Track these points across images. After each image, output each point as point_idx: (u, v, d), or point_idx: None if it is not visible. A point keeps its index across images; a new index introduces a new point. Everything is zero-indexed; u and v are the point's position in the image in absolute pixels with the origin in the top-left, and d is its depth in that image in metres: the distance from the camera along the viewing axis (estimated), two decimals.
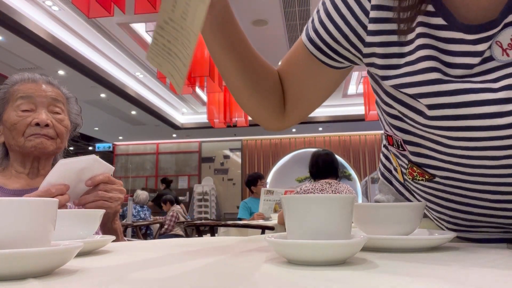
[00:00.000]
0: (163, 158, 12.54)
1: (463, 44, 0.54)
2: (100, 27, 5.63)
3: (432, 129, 0.57)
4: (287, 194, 3.67)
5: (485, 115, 0.52)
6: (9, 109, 1.11)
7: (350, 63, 0.69)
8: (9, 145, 1.13)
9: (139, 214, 6.00)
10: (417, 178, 0.66)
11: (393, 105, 0.62)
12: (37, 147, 1.09)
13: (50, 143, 1.11)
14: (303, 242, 0.46)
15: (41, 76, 1.17)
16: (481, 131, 0.53)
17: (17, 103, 1.10)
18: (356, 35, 0.63)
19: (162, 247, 0.72)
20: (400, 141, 0.65)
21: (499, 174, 0.56)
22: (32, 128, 1.09)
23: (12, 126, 1.08)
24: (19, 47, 5.44)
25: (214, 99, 7.10)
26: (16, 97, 1.10)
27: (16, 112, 1.09)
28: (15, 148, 1.11)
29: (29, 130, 1.09)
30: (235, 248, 0.67)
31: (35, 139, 1.09)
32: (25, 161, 1.14)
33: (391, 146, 0.70)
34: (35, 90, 1.12)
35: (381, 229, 0.62)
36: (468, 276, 0.41)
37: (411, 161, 0.66)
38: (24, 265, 0.38)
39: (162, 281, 0.40)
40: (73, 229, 0.65)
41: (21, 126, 1.08)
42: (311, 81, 0.74)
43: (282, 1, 4.92)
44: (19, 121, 1.08)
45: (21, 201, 0.43)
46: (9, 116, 1.10)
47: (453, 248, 0.61)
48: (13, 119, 1.08)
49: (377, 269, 0.44)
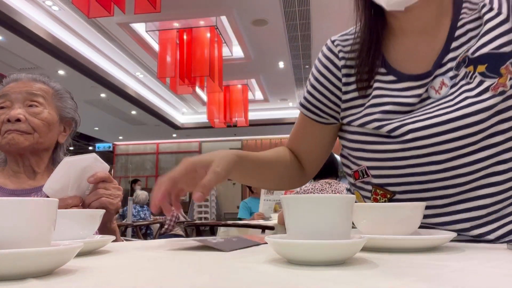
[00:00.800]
0: (163, 158, 12.55)
1: (408, 91, 0.77)
2: (100, 27, 5.64)
3: (389, 153, 0.76)
4: (287, 194, 3.67)
5: (428, 136, 0.71)
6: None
7: (335, 120, 0.89)
8: None
9: (139, 214, 6.01)
10: (381, 200, 0.80)
11: (358, 141, 0.81)
12: (10, 143, 1.07)
13: (24, 138, 1.07)
14: (303, 242, 0.46)
15: (27, 75, 1.16)
16: (427, 148, 0.72)
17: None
18: (336, 96, 0.86)
19: (162, 247, 0.72)
20: (364, 168, 0.81)
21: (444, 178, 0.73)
22: (6, 125, 1.07)
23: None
24: (19, 47, 5.44)
25: (214, 99, 7.11)
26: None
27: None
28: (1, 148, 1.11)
29: (3, 127, 1.07)
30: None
31: (7, 135, 1.07)
32: (16, 160, 1.13)
33: (356, 180, 0.85)
34: (12, 87, 1.11)
35: (381, 229, 0.62)
36: (468, 276, 0.41)
37: (374, 185, 0.81)
38: (24, 265, 0.38)
39: (162, 281, 0.40)
40: (73, 229, 0.65)
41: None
42: (313, 139, 0.93)
43: (282, 1, 4.92)
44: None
45: (21, 201, 0.43)
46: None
47: (453, 248, 0.61)
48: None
49: (377, 269, 0.44)
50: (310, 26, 5.47)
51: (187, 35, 5.39)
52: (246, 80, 7.78)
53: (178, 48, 5.37)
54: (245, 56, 6.51)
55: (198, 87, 6.01)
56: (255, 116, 9.72)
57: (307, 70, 7.28)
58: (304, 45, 6.16)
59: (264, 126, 10.55)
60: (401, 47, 0.81)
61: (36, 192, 1.14)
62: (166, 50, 5.33)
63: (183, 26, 5.46)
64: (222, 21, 5.49)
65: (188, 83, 5.36)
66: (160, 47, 5.35)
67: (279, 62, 6.99)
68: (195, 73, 5.15)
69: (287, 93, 8.91)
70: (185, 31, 5.40)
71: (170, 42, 5.38)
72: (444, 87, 0.74)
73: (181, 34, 5.41)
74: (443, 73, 0.75)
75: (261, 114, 10.07)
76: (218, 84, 5.53)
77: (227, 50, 6.27)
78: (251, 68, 7.19)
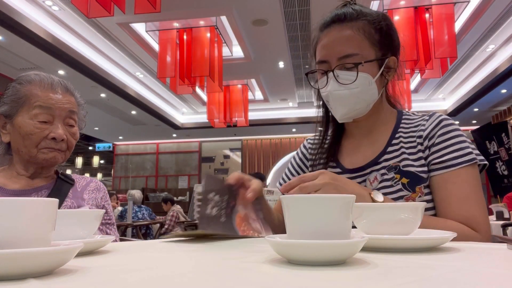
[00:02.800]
0: (163, 158, 12.55)
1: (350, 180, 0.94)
2: (100, 27, 5.64)
3: None
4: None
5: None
6: (25, 115, 1.09)
7: None
8: (18, 150, 1.11)
9: (137, 214, 5.98)
10: None
11: None
12: (49, 161, 1.10)
13: (61, 156, 1.12)
14: (303, 242, 0.46)
15: (58, 81, 1.15)
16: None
17: (34, 111, 1.08)
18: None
19: (162, 247, 0.72)
20: None
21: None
22: (48, 142, 1.09)
23: (27, 136, 1.07)
24: (19, 47, 5.44)
25: (214, 99, 7.11)
26: (34, 104, 1.08)
27: (33, 122, 1.08)
28: (25, 156, 1.10)
29: (44, 143, 1.09)
30: (235, 248, 0.67)
31: (48, 153, 1.09)
32: (29, 165, 1.14)
33: None
34: (54, 101, 1.11)
35: (381, 229, 0.62)
36: (468, 276, 0.41)
37: None
38: (24, 265, 0.38)
39: (162, 281, 0.40)
40: (73, 229, 0.65)
41: (37, 138, 1.08)
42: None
43: (282, 1, 4.92)
44: (36, 132, 1.07)
45: (21, 201, 0.43)
46: (25, 123, 1.08)
47: (453, 248, 0.61)
48: (29, 129, 1.07)
49: (377, 269, 0.44)
50: (310, 26, 5.47)
51: (187, 35, 5.39)
52: (246, 80, 7.78)
53: (178, 48, 5.37)
54: (245, 56, 6.50)
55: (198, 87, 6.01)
56: (255, 116, 9.72)
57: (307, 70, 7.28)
58: (304, 45, 6.16)
59: (264, 126, 10.55)
60: (349, 146, 1.07)
61: (37, 192, 1.14)
62: (166, 50, 5.33)
63: (183, 26, 5.45)
64: (222, 21, 5.49)
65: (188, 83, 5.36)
66: (160, 47, 5.35)
67: (279, 62, 6.98)
68: (195, 73, 5.15)
69: (287, 93, 8.91)
70: (185, 31, 5.40)
71: (170, 42, 5.37)
72: (375, 181, 0.97)
73: (181, 34, 5.41)
74: (377, 169, 0.98)
75: (261, 114, 10.07)
76: (218, 84, 5.53)
77: (227, 50, 6.27)
78: (251, 68, 7.18)
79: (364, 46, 0.95)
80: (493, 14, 5.23)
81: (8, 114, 1.11)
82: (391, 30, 1.00)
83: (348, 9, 0.99)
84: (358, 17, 0.97)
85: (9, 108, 1.11)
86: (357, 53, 0.94)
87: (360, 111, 0.98)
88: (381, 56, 0.98)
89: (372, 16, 0.98)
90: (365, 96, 0.96)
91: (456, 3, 4.78)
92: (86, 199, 1.22)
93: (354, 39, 0.95)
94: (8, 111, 1.11)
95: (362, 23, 0.96)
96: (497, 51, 6.53)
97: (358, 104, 0.97)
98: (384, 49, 0.98)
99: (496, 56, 6.68)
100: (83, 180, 1.28)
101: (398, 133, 1.02)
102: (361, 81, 0.94)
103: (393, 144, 1.00)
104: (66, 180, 1.22)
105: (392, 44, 1.00)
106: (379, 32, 0.97)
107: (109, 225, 1.26)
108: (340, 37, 0.96)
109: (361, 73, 0.94)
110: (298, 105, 9.73)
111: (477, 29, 5.58)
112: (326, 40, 0.98)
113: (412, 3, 4.82)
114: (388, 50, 0.99)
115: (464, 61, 6.91)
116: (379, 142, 1.02)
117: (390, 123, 1.04)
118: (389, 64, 1.00)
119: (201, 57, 5.15)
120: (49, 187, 1.17)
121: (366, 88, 0.95)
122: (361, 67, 0.94)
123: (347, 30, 0.96)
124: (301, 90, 8.57)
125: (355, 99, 0.96)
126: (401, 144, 0.99)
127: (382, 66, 0.98)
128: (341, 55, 0.95)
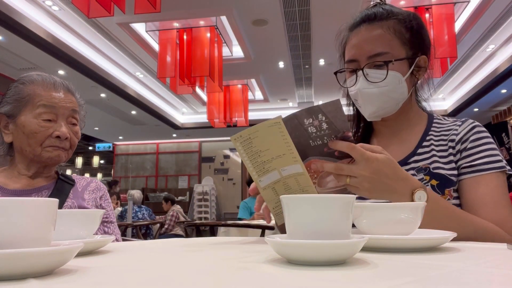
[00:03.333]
0: (163, 158, 12.54)
1: None
2: (100, 27, 5.63)
3: None
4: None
5: None
6: (28, 114, 1.10)
7: None
8: (21, 149, 1.12)
9: (137, 214, 5.98)
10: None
11: None
12: (53, 159, 1.11)
13: (64, 155, 1.14)
14: (303, 242, 0.46)
15: (60, 81, 1.17)
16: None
17: (38, 110, 1.09)
18: None
19: (162, 247, 0.72)
20: None
21: None
22: (52, 140, 1.10)
23: (32, 135, 1.09)
24: (19, 47, 5.44)
25: (214, 99, 7.10)
26: (38, 103, 1.10)
27: (37, 121, 1.09)
28: (29, 154, 1.11)
29: (48, 141, 1.10)
30: (235, 248, 0.67)
31: (53, 151, 1.11)
32: (31, 165, 1.15)
33: None
34: (58, 100, 1.12)
35: (381, 229, 0.62)
36: (468, 276, 0.41)
37: None
38: (24, 265, 0.38)
39: (162, 281, 0.40)
40: (73, 229, 0.65)
41: (41, 136, 1.09)
42: None
43: (282, 1, 4.92)
44: (40, 131, 1.09)
45: (21, 201, 0.43)
46: (29, 122, 1.09)
47: (453, 248, 0.61)
48: (33, 128, 1.08)
49: (377, 269, 0.44)
50: (310, 26, 5.47)
51: (187, 35, 5.39)
52: (246, 80, 7.78)
53: (178, 48, 5.37)
54: (245, 56, 6.50)
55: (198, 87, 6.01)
56: (255, 116, 9.71)
57: (307, 70, 7.28)
58: (304, 45, 6.16)
59: None
60: (378, 145, 0.97)
61: (37, 192, 1.14)
62: (166, 50, 5.32)
63: (183, 26, 5.45)
64: (222, 21, 5.49)
65: (188, 83, 5.35)
66: (160, 47, 5.35)
67: (279, 62, 6.98)
68: (195, 73, 5.14)
69: (287, 93, 8.90)
70: (185, 31, 5.40)
71: (170, 42, 5.37)
72: None
73: (181, 34, 5.40)
74: (406, 170, 0.94)
75: (261, 114, 10.06)
76: (218, 84, 5.52)
77: (227, 50, 6.26)
78: (251, 68, 7.18)
79: (394, 44, 0.95)
80: (493, 14, 5.23)
81: (11, 114, 1.12)
82: (422, 29, 1.00)
83: (379, 8, 0.99)
84: (389, 16, 0.97)
85: (12, 108, 1.11)
86: (387, 52, 0.94)
87: (389, 109, 0.97)
88: (412, 55, 0.97)
89: (403, 15, 0.98)
90: (395, 94, 0.95)
91: (456, 3, 4.78)
92: (86, 199, 1.22)
93: (384, 37, 0.95)
94: (11, 111, 1.11)
95: (393, 22, 0.96)
96: (497, 51, 6.53)
97: (388, 102, 0.96)
98: (415, 48, 0.97)
99: (496, 56, 6.68)
100: (84, 181, 1.29)
101: (429, 135, 1.01)
102: (391, 80, 0.93)
103: (423, 146, 0.99)
104: (67, 180, 1.23)
105: (422, 43, 1.00)
106: (410, 31, 0.97)
107: (107, 223, 1.26)
108: (370, 36, 0.96)
109: (391, 71, 0.93)
110: (298, 105, 9.73)
111: (477, 29, 5.58)
112: (356, 40, 0.98)
113: (412, 3, 4.82)
114: (419, 49, 0.98)
115: (464, 61, 6.91)
116: (409, 143, 1.01)
117: (421, 125, 1.03)
118: (420, 63, 0.99)
119: (201, 57, 5.14)
120: (50, 187, 1.17)
121: (396, 86, 0.94)
122: (391, 65, 0.93)
123: (377, 29, 0.96)
124: (301, 90, 8.56)
125: (384, 97, 0.95)
126: (432, 147, 0.98)
127: (413, 65, 0.97)
128: (371, 53, 0.94)
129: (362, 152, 0.73)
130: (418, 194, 0.74)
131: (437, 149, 0.97)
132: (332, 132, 0.73)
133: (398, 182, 0.75)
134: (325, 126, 0.72)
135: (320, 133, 0.73)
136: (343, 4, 4.84)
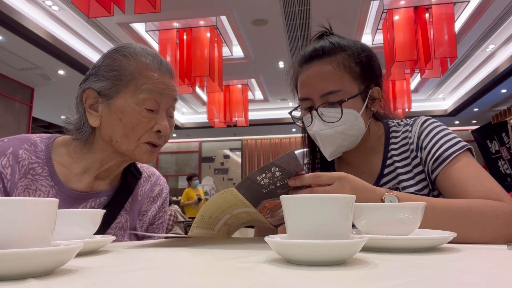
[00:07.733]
0: (163, 158, 12.54)
1: None
2: (100, 27, 5.63)
3: None
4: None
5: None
6: (129, 98, 0.89)
7: None
8: (111, 139, 0.91)
9: None
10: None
11: None
12: (143, 159, 0.93)
13: (155, 155, 0.96)
14: (303, 242, 0.46)
15: (166, 62, 0.96)
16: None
17: (142, 96, 0.89)
18: None
19: (162, 247, 0.72)
20: None
21: None
22: (152, 134, 0.91)
23: (132, 125, 0.89)
24: (19, 47, 5.44)
25: (214, 99, 7.10)
26: (143, 86, 0.89)
27: (140, 109, 0.89)
28: (120, 147, 0.91)
29: (147, 136, 0.91)
30: (235, 248, 0.67)
31: (147, 150, 0.92)
32: (111, 158, 0.95)
33: None
34: (164, 86, 0.92)
35: (381, 229, 0.62)
36: (468, 276, 0.41)
37: None
38: (24, 265, 0.38)
39: (162, 281, 0.40)
40: (73, 229, 0.65)
41: (142, 129, 0.90)
42: None
43: (282, 1, 4.92)
44: (142, 122, 0.89)
45: (21, 201, 0.43)
46: (129, 108, 0.89)
47: (453, 248, 0.61)
48: (135, 118, 0.89)
49: (377, 269, 0.44)
50: (310, 26, 5.47)
51: (187, 35, 5.39)
52: (246, 80, 7.78)
53: (178, 48, 5.37)
54: (245, 56, 6.50)
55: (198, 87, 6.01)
56: (255, 116, 9.72)
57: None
58: (304, 45, 6.15)
59: (264, 126, 10.54)
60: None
61: (95, 198, 0.96)
62: (166, 50, 5.32)
63: (183, 26, 5.45)
64: (222, 21, 5.49)
65: (188, 83, 5.35)
66: (160, 47, 5.35)
67: (279, 62, 6.98)
68: (195, 73, 5.15)
69: (287, 93, 8.88)
70: (185, 31, 5.40)
71: (170, 42, 5.37)
72: None
73: (181, 34, 5.41)
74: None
75: (261, 114, 10.06)
76: (218, 84, 5.52)
77: (227, 50, 6.26)
78: (251, 68, 7.18)
79: (345, 81, 0.94)
80: (493, 14, 5.23)
81: (106, 93, 0.90)
82: (372, 60, 0.99)
83: (326, 42, 0.98)
84: (337, 51, 0.96)
85: (108, 85, 0.90)
86: (339, 89, 0.93)
87: (349, 145, 0.98)
88: (364, 88, 0.96)
89: (351, 49, 0.96)
90: (353, 131, 0.96)
91: (456, 3, 4.78)
92: (143, 211, 1.06)
93: (335, 74, 0.94)
94: (107, 89, 0.90)
95: (342, 57, 0.95)
96: (497, 51, 6.53)
97: (346, 139, 0.96)
98: (367, 80, 0.97)
99: (496, 56, 6.68)
100: (147, 182, 1.10)
101: (390, 151, 1.01)
102: (347, 118, 0.93)
103: (387, 165, 1.00)
104: (135, 174, 1.04)
105: (374, 75, 0.99)
106: (360, 65, 0.96)
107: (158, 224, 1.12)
108: (320, 73, 0.95)
109: (346, 109, 0.93)
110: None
111: (477, 29, 5.57)
112: (306, 77, 0.97)
113: (412, 3, 4.82)
114: (371, 81, 0.98)
115: (464, 61, 6.91)
116: (374, 165, 1.02)
117: (380, 143, 1.04)
118: (373, 95, 0.99)
119: (201, 57, 5.14)
120: (109, 194, 0.99)
121: (352, 123, 0.94)
122: (345, 103, 0.93)
123: (327, 66, 0.95)
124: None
125: (342, 135, 0.95)
126: (395, 164, 0.99)
127: (366, 99, 0.96)
128: (324, 92, 0.94)
129: (330, 174, 0.75)
130: (388, 197, 0.76)
131: (400, 164, 0.98)
132: (286, 176, 0.74)
133: (368, 192, 0.77)
134: (278, 174, 0.73)
135: (273, 180, 0.73)
136: (343, 4, 4.84)
